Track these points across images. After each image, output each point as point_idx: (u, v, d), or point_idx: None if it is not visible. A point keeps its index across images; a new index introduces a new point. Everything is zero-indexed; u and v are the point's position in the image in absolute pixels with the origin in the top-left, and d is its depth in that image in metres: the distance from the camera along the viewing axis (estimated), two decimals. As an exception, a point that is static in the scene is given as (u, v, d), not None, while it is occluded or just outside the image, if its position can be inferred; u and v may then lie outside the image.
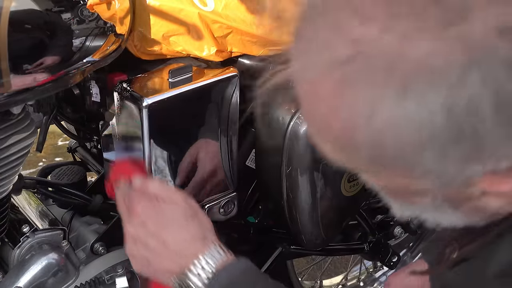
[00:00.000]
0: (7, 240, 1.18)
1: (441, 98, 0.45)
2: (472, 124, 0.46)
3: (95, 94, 1.14)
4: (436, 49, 0.45)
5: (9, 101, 0.95)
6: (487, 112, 0.45)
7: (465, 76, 0.45)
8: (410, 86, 0.46)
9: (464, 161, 0.49)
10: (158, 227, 0.88)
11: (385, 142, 0.49)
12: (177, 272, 0.86)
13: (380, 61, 0.47)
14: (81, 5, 1.06)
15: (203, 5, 1.15)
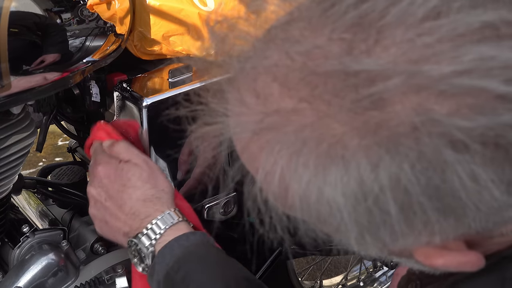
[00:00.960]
0: (7, 240, 1.18)
1: (350, 188, 0.44)
2: (380, 219, 0.45)
3: (95, 94, 1.14)
4: (349, 134, 0.43)
5: (9, 101, 0.95)
6: (392, 212, 0.44)
7: (373, 170, 0.43)
8: (321, 168, 0.45)
9: (388, 238, 0.48)
10: (116, 189, 0.89)
11: (302, 214, 0.49)
12: (130, 233, 0.87)
13: (292, 137, 0.46)
14: (81, 5, 1.06)
15: (203, 5, 1.15)
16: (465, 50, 0.41)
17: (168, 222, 0.86)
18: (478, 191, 0.43)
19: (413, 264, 0.57)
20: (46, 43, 1.00)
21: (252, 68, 0.49)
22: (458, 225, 0.46)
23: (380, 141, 0.42)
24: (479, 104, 0.41)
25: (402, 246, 0.49)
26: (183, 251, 0.84)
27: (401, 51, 0.42)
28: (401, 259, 0.57)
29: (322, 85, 0.44)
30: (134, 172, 0.91)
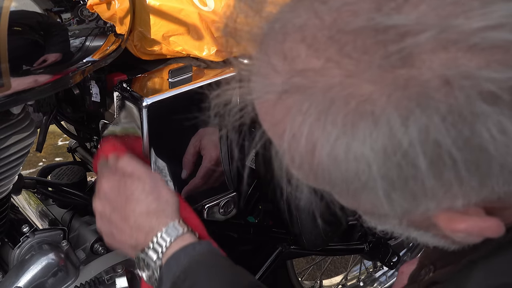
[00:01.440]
0: (7, 240, 1.18)
1: (379, 143, 0.45)
2: (409, 174, 0.46)
3: (95, 94, 1.14)
4: (378, 91, 0.44)
5: (9, 101, 0.95)
6: (422, 166, 0.45)
7: (403, 124, 0.44)
8: (350, 125, 0.45)
9: (411, 200, 0.48)
10: (120, 203, 0.89)
11: (328, 175, 0.49)
12: (137, 247, 0.87)
13: (322, 94, 0.46)
14: (81, 5, 1.06)
15: (203, 5, 1.15)
16: (496, 7, 0.42)
17: (173, 234, 0.86)
18: (506, 144, 0.43)
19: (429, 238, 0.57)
20: (48, 42, 1.00)
21: (281, 28, 0.49)
22: (481, 188, 0.46)
23: (410, 96, 0.43)
24: (509, 58, 0.42)
25: (425, 210, 0.49)
26: (189, 261, 0.84)
27: (431, 8, 0.43)
28: (419, 232, 0.57)
29: (350, 43, 0.45)
30: (137, 185, 0.90)
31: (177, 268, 0.83)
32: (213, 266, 0.85)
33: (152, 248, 0.86)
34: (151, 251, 0.86)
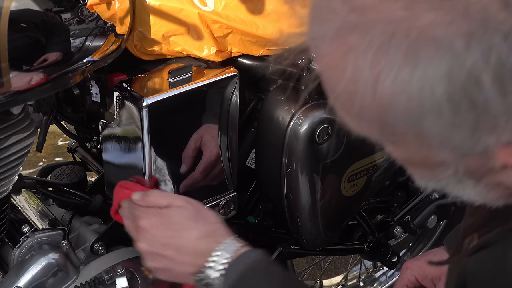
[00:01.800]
0: (7, 240, 1.18)
1: (443, 67, 0.46)
2: (473, 95, 0.47)
3: (95, 94, 1.14)
4: (439, 19, 0.46)
5: (9, 101, 0.95)
6: (487, 84, 0.46)
7: (466, 46, 0.46)
8: (413, 54, 0.47)
9: (473, 131, 0.49)
10: (169, 236, 0.90)
11: (390, 109, 0.50)
12: (196, 271, 0.88)
13: (382, 28, 0.48)
14: (81, 5, 1.06)
15: (203, 5, 1.15)
16: None
17: (230, 250, 0.87)
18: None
19: (479, 191, 0.58)
20: (48, 42, 1.00)
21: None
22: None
23: (471, 20, 0.45)
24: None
25: (484, 149, 0.50)
26: (244, 268, 0.85)
27: None
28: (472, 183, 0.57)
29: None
30: (181, 214, 0.91)
31: (234, 275, 0.85)
32: (269, 271, 0.87)
33: (212, 267, 0.87)
34: (211, 270, 0.87)
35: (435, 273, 1.09)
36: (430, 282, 1.09)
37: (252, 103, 1.31)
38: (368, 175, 1.37)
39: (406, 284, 1.11)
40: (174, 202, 0.93)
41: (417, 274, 1.10)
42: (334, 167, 1.30)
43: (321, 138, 1.23)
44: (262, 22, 1.17)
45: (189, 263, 0.89)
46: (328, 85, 0.55)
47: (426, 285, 1.10)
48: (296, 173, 1.26)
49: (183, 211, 0.91)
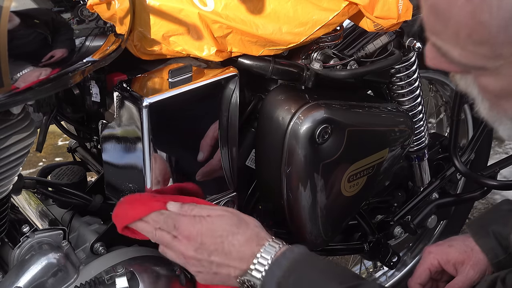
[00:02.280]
0: (7, 240, 1.18)
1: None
2: None
3: (95, 94, 1.14)
4: None
5: (9, 101, 0.95)
6: None
7: None
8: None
9: None
10: (216, 243, 0.97)
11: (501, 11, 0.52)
12: (242, 274, 0.95)
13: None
14: (81, 5, 1.06)
15: (203, 5, 1.15)
16: None
17: (272, 251, 0.94)
18: None
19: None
20: (46, 42, 1.00)
21: None
22: None
23: None
24: None
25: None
26: (290, 262, 0.92)
27: None
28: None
29: None
30: (225, 221, 0.98)
31: (280, 271, 0.91)
32: (314, 263, 0.94)
33: (256, 269, 0.94)
34: (255, 272, 0.94)
35: (458, 258, 1.10)
36: (453, 267, 1.11)
37: (252, 103, 1.31)
38: (368, 175, 1.37)
39: (428, 268, 1.12)
40: (214, 212, 1.00)
41: (440, 259, 1.12)
42: (334, 167, 1.30)
43: (321, 138, 1.23)
44: (262, 22, 1.17)
45: (235, 267, 0.95)
46: (440, 17, 0.57)
47: (448, 269, 1.11)
48: (296, 173, 1.26)
49: (226, 218, 0.98)
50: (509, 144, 2.93)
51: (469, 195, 1.80)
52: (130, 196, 1.11)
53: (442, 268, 1.12)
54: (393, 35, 1.36)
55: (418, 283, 1.13)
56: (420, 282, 1.12)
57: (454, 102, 1.58)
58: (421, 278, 1.12)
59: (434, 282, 1.14)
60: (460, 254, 1.10)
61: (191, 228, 0.98)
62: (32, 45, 1.00)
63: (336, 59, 1.27)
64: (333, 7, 1.19)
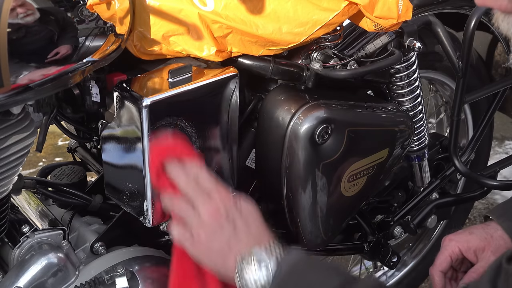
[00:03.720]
0: (7, 240, 1.18)
1: None
2: None
3: (95, 94, 1.14)
4: None
5: (9, 101, 0.95)
6: None
7: None
8: None
9: None
10: (247, 214, 0.99)
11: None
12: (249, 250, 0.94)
13: None
14: (81, 5, 1.06)
15: (203, 5, 1.15)
16: None
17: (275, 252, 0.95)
18: None
19: None
20: (46, 42, 1.00)
21: None
22: None
23: None
24: None
25: None
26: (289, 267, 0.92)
27: None
28: None
29: None
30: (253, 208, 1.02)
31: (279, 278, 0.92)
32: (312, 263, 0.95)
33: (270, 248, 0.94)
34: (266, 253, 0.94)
35: (479, 245, 1.10)
36: (473, 254, 1.11)
37: (252, 103, 1.31)
38: (368, 175, 1.37)
39: (450, 255, 1.12)
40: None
41: (461, 246, 1.11)
42: (334, 167, 1.30)
43: (321, 138, 1.23)
44: (262, 22, 1.17)
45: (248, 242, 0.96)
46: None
47: (469, 257, 1.11)
48: (296, 173, 1.26)
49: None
50: (509, 144, 2.93)
51: (469, 195, 1.80)
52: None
53: (463, 256, 1.12)
54: (393, 35, 1.36)
55: (440, 270, 1.12)
56: (441, 270, 1.12)
57: (454, 102, 1.58)
58: (443, 265, 1.12)
59: (454, 272, 1.14)
60: (481, 241, 1.10)
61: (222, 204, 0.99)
62: (32, 45, 1.00)
63: (336, 59, 1.27)
64: (333, 7, 1.19)
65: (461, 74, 1.52)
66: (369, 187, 1.40)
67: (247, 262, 0.93)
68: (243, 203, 1.01)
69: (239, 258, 0.94)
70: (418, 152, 1.65)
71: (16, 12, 0.96)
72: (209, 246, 0.97)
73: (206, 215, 0.97)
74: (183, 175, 1.01)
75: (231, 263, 0.95)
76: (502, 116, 2.19)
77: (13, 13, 0.95)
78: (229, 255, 0.96)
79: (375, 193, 1.66)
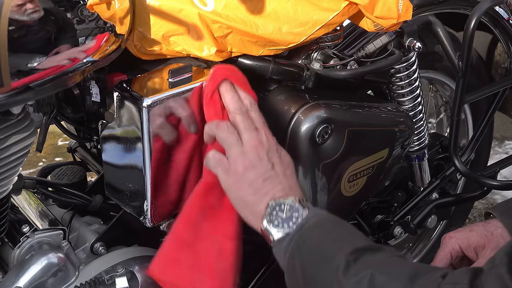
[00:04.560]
0: (7, 240, 1.18)
1: None
2: None
3: (95, 94, 1.14)
4: None
5: (9, 101, 0.95)
6: None
7: None
8: None
9: None
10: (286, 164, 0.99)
11: None
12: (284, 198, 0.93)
13: None
14: (81, 5, 1.06)
15: (203, 5, 1.15)
16: None
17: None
18: None
19: None
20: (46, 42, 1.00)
21: None
22: None
23: None
24: None
25: None
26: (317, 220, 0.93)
27: None
28: None
29: None
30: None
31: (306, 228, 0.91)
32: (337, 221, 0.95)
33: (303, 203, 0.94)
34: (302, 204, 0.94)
35: (479, 242, 1.10)
36: (473, 252, 1.11)
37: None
38: (368, 175, 1.37)
39: (450, 252, 1.12)
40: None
41: (461, 243, 1.12)
42: (334, 167, 1.30)
43: (321, 138, 1.23)
44: (262, 22, 1.17)
45: (283, 187, 0.95)
46: None
47: (469, 254, 1.11)
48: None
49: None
50: (509, 144, 2.93)
51: (469, 195, 1.80)
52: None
53: (463, 253, 1.12)
54: (393, 35, 1.36)
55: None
56: (441, 267, 1.12)
57: (454, 102, 1.58)
58: (442, 262, 1.12)
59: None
60: (481, 238, 1.10)
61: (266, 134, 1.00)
62: (33, 45, 1.00)
63: (336, 59, 1.27)
64: (333, 7, 1.19)
65: (461, 74, 1.52)
66: (369, 187, 1.40)
67: (280, 209, 0.92)
68: (284, 152, 0.99)
69: (272, 202, 0.92)
70: (418, 152, 1.65)
71: (25, 8, 0.96)
72: (243, 177, 0.95)
73: (248, 145, 0.96)
74: (237, 101, 0.99)
75: (261, 204, 0.94)
76: (502, 116, 2.19)
77: (22, 8, 0.95)
78: (261, 193, 0.94)
79: (375, 193, 1.66)
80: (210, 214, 1.00)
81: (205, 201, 1.00)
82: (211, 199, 0.99)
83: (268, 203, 0.93)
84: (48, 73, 0.98)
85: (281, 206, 0.93)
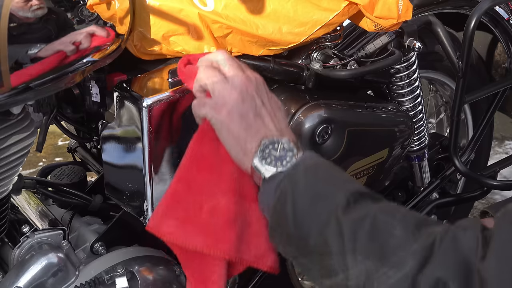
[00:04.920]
0: (7, 240, 1.18)
1: None
2: None
3: (95, 94, 1.14)
4: None
5: (9, 101, 0.95)
6: None
7: None
8: None
9: None
10: (276, 106, 0.93)
11: None
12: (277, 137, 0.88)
13: None
14: (81, 5, 1.06)
15: (203, 5, 1.15)
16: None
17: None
18: None
19: None
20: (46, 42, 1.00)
21: None
22: None
23: None
24: None
25: None
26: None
27: None
28: None
29: None
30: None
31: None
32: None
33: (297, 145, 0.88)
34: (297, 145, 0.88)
35: None
36: None
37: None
38: (368, 175, 1.37)
39: None
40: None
41: None
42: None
43: (321, 138, 1.23)
44: (262, 22, 1.17)
45: (271, 130, 0.90)
46: None
47: None
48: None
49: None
50: (509, 144, 2.93)
51: (469, 195, 1.80)
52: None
53: None
54: (393, 35, 1.36)
55: None
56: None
57: (454, 102, 1.58)
58: None
59: None
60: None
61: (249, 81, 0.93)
62: (32, 45, 1.00)
63: (336, 59, 1.27)
64: (333, 7, 1.19)
65: (461, 74, 1.52)
66: (369, 187, 1.40)
67: (273, 148, 0.87)
68: (275, 97, 0.94)
69: (265, 140, 0.87)
70: (418, 152, 1.65)
71: (30, 4, 0.96)
72: (234, 108, 0.89)
73: (236, 80, 0.90)
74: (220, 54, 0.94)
75: (253, 142, 0.89)
76: (502, 116, 2.19)
77: (28, 4, 0.96)
78: (252, 130, 0.89)
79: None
80: (203, 167, 0.95)
81: (199, 152, 0.96)
82: (206, 150, 0.95)
83: (261, 141, 0.88)
84: (48, 73, 0.98)
85: (275, 144, 0.87)
